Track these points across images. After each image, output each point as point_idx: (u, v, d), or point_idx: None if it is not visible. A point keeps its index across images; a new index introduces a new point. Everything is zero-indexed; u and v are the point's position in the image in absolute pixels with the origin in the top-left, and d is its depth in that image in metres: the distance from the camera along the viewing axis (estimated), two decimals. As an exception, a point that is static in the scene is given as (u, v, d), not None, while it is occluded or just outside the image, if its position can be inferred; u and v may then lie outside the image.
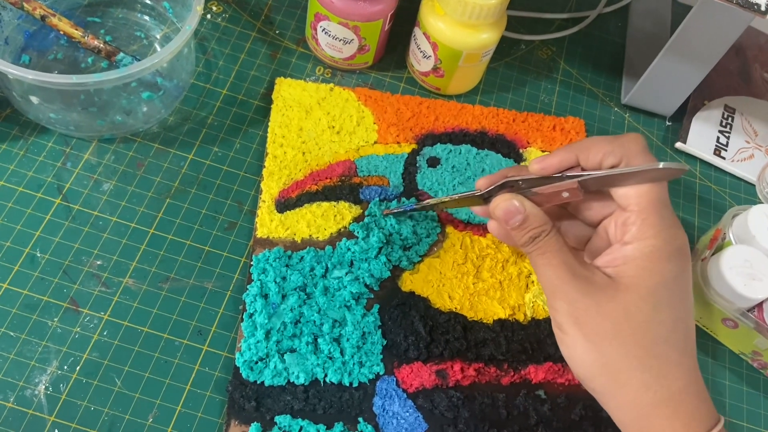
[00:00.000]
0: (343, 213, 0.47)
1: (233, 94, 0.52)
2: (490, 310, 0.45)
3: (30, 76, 0.39)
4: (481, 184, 0.40)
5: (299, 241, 0.45)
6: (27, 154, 0.46)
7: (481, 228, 0.48)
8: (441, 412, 0.41)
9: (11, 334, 0.40)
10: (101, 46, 0.46)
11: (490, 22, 0.49)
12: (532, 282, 0.47)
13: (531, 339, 0.45)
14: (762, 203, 0.54)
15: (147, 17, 0.52)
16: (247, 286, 0.43)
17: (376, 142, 0.51)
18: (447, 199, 0.43)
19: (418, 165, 0.50)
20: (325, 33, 0.51)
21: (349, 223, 0.47)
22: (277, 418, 0.39)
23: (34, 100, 0.43)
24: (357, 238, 0.46)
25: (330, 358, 0.42)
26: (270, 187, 0.47)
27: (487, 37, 0.50)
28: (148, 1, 0.52)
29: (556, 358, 0.44)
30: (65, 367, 0.40)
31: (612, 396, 0.34)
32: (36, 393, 0.39)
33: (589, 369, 0.34)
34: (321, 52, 0.54)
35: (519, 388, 0.43)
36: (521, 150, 0.53)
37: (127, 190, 0.46)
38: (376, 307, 0.44)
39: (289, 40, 0.56)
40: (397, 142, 0.51)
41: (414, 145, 0.51)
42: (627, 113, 0.59)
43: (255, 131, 0.50)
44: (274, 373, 0.40)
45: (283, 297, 0.43)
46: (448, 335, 0.44)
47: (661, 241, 0.34)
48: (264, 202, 0.47)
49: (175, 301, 0.43)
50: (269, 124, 0.50)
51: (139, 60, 0.46)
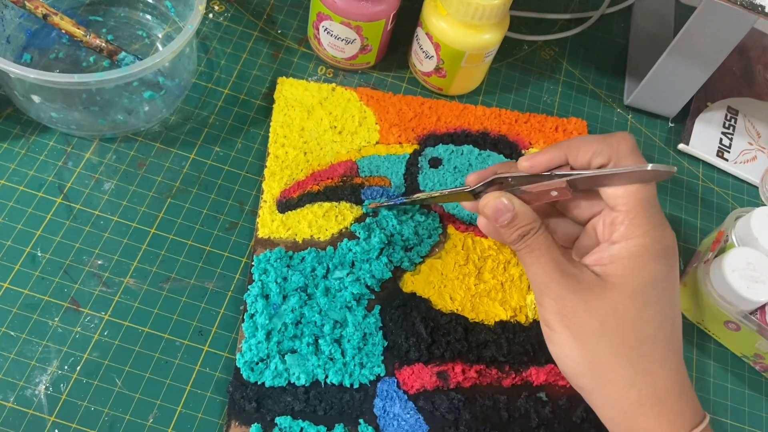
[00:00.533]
0: (345, 213, 0.47)
1: (235, 94, 0.52)
2: (491, 311, 0.45)
3: (32, 75, 0.39)
4: (470, 180, 0.40)
5: (300, 242, 0.45)
6: (28, 153, 0.46)
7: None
8: (442, 413, 0.41)
9: (12, 333, 0.40)
10: (103, 45, 0.46)
11: (492, 22, 0.49)
12: (534, 283, 0.47)
13: (532, 341, 0.44)
14: (765, 205, 0.53)
15: (149, 16, 0.52)
16: (248, 287, 0.43)
17: (377, 143, 0.51)
18: (437, 194, 0.43)
19: (419, 165, 0.50)
20: (328, 33, 0.51)
21: (351, 224, 0.47)
22: (277, 419, 0.39)
23: (36, 99, 0.43)
24: (358, 238, 0.46)
25: (331, 359, 0.41)
26: (271, 187, 0.47)
27: (489, 38, 0.50)
28: (150, 0, 0.52)
29: (557, 360, 0.44)
30: (66, 367, 0.39)
31: (598, 393, 0.34)
32: (36, 393, 0.39)
33: (576, 366, 0.34)
34: (323, 51, 0.53)
35: (520, 390, 0.43)
36: (523, 151, 0.53)
37: (128, 189, 0.46)
38: (377, 308, 0.44)
39: (291, 40, 0.55)
40: (399, 143, 0.51)
41: (416, 146, 0.51)
42: (630, 114, 0.59)
43: (257, 131, 0.50)
44: (274, 374, 0.40)
45: (284, 298, 0.43)
46: (450, 337, 0.43)
47: (649, 241, 0.34)
48: (265, 202, 0.46)
49: (176, 302, 0.43)
50: (271, 123, 0.50)
51: (141, 59, 0.46)
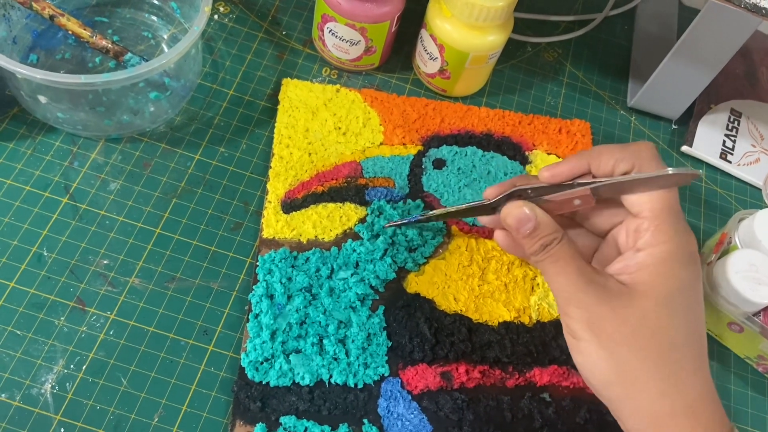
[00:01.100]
0: (349, 214, 0.47)
1: (240, 95, 0.52)
2: (495, 312, 0.45)
3: (38, 75, 0.39)
4: (489, 193, 0.39)
5: (305, 242, 0.46)
6: (34, 154, 0.46)
7: (486, 230, 0.48)
8: (446, 414, 0.41)
9: (18, 332, 0.40)
10: (109, 46, 0.47)
11: (497, 24, 0.49)
12: (538, 284, 0.47)
13: (536, 342, 0.45)
14: (768, 207, 0.54)
15: (154, 17, 0.53)
16: (253, 287, 0.43)
17: (381, 144, 0.51)
18: (453, 210, 0.43)
19: (423, 167, 0.50)
20: (332, 34, 0.51)
21: (355, 225, 0.47)
22: (282, 419, 0.39)
23: (42, 99, 0.44)
24: (362, 239, 0.46)
25: (335, 359, 0.42)
26: (276, 188, 0.47)
27: (493, 39, 0.50)
28: (156, 2, 0.53)
29: (561, 361, 0.44)
30: (71, 366, 0.40)
31: (627, 404, 0.33)
32: (42, 392, 0.39)
33: (605, 376, 0.33)
34: (327, 53, 0.54)
35: (524, 390, 0.43)
36: (527, 152, 0.53)
37: (133, 189, 0.46)
38: (381, 309, 0.44)
39: (296, 41, 0.56)
40: (403, 144, 0.51)
41: (420, 147, 0.51)
42: (633, 116, 0.59)
43: (261, 132, 0.51)
44: (279, 374, 0.40)
45: (289, 298, 0.43)
46: (453, 337, 0.44)
47: (675, 247, 0.34)
48: (270, 202, 0.47)
49: (181, 301, 0.43)
50: (275, 125, 0.50)
51: (147, 60, 0.46)
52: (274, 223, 0.46)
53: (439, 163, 0.51)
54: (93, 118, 0.46)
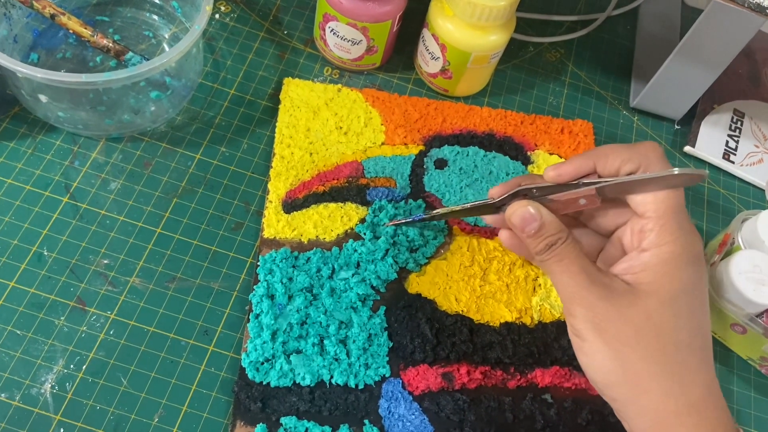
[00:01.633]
0: (350, 214, 0.47)
1: (241, 94, 0.52)
2: (496, 312, 0.45)
3: (39, 74, 0.39)
4: (494, 193, 0.39)
5: (306, 242, 0.45)
6: (35, 153, 0.46)
7: (488, 230, 0.48)
8: (447, 415, 0.41)
9: (18, 332, 0.40)
10: (110, 45, 0.46)
11: (499, 23, 0.49)
12: (539, 285, 0.47)
13: (538, 342, 0.44)
14: (771, 208, 0.53)
15: (155, 16, 0.52)
16: (254, 287, 0.43)
17: (383, 144, 0.51)
18: (458, 209, 0.42)
19: (425, 166, 0.50)
20: (334, 34, 0.51)
21: (356, 225, 0.47)
22: (282, 420, 0.39)
23: (43, 98, 0.44)
24: (363, 239, 0.46)
25: (336, 360, 0.41)
26: (277, 188, 0.47)
27: (496, 39, 0.50)
28: (157, 1, 0.52)
29: (563, 362, 0.44)
30: (71, 366, 0.40)
31: (632, 404, 0.33)
32: (42, 392, 0.39)
33: (609, 376, 0.33)
34: (329, 52, 0.53)
35: (525, 391, 0.43)
36: (529, 152, 0.53)
37: (134, 189, 0.46)
38: (382, 309, 0.44)
39: (297, 41, 0.56)
40: (405, 144, 0.51)
41: (421, 147, 0.51)
42: (635, 116, 0.59)
43: (262, 131, 0.50)
44: (280, 374, 0.40)
45: (290, 298, 0.43)
46: (455, 338, 0.43)
47: (680, 247, 0.34)
48: (271, 202, 0.46)
49: (182, 301, 0.43)
50: (277, 124, 0.50)
51: (148, 59, 0.46)
52: (275, 223, 0.46)
53: (440, 163, 0.51)
54: (94, 117, 0.45)
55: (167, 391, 0.40)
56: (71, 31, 0.46)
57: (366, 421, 0.40)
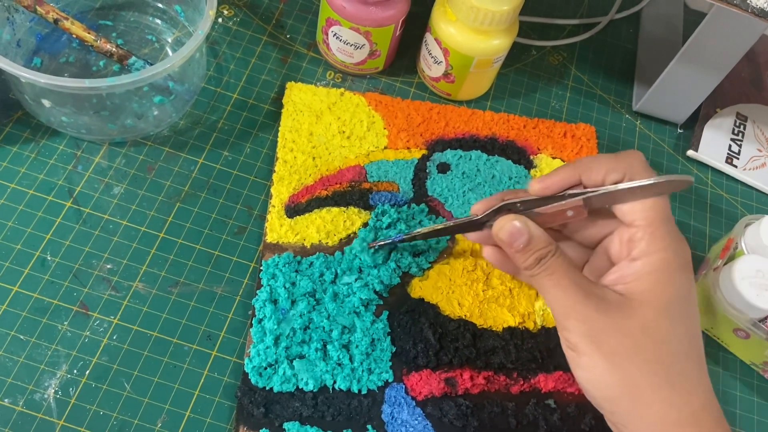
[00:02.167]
0: (353, 219, 0.47)
1: (244, 99, 0.52)
2: (499, 317, 0.45)
3: (43, 79, 0.39)
4: (477, 209, 0.39)
5: (309, 247, 0.45)
6: (38, 157, 0.46)
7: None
8: (450, 420, 0.41)
9: (21, 337, 0.40)
10: (113, 49, 0.46)
11: (502, 28, 0.49)
12: (542, 290, 0.47)
13: (541, 347, 0.44)
14: (774, 212, 0.53)
15: (159, 21, 0.53)
16: (257, 292, 0.43)
17: (386, 148, 0.51)
18: (440, 227, 0.42)
19: (428, 171, 0.50)
20: (337, 38, 0.51)
21: (359, 229, 0.47)
22: (285, 425, 0.39)
23: (46, 103, 0.44)
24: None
25: (339, 365, 0.41)
26: (280, 192, 0.47)
27: (498, 43, 0.50)
28: (160, 5, 0.52)
29: (566, 368, 0.43)
30: (75, 371, 0.40)
31: (633, 416, 0.33)
32: (45, 397, 0.39)
33: (609, 390, 0.33)
34: (332, 56, 0.53)
35: (529, 397, 0.43)
36: (532, 156, 0.53)
37: (137, 193, 0.46)
38: (385, 314, 0.44)
39: (300, 45, 0.56)
40: (407, 148, 0.51)
41: (424, 151, 0.51)
42: (638, 120, 0.59)
43: (265, 136, 0.50)
44: (283, 380, 0.40)
45: (293, 303, 0.43)
46: (458, 343, 0.43)
47: (672, 255, 0.33)
48: (274, 206, 0.46)
49: (185, 306, 0.43)
50: (279, 128, 0.50)
51: (151, 64, 0.46)
52: (278, 228, 0.46)
53: (443, 167, 0.51)
54: (97, 121, 0.46)
55: (170, 397, 0.40)
56: (75, 35, 0.46)
57: (369, 426, 0.40)
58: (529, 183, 0.37)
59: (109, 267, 0.43)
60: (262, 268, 0.44)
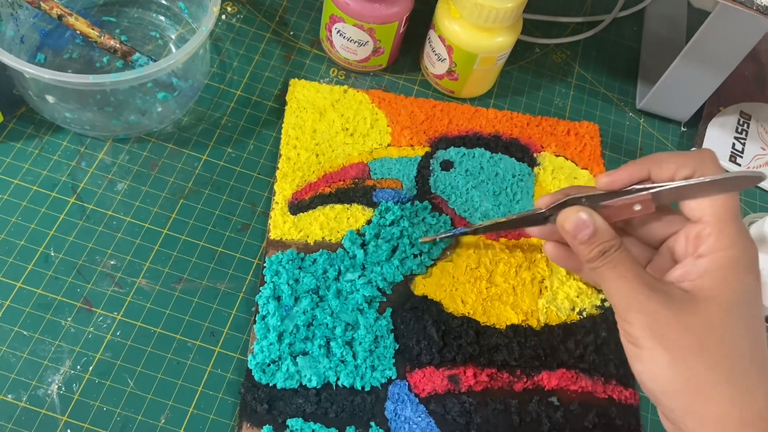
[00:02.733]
0: (356, 216, 0.47)
1: (247, 95, 0.52)
2: (503, 315, 0.45)
3: (47, 75, 0.39)
4: (542, 203, 0.38)
5: (312, 244, 0.45)
6: (42, 153, 0.46)
7: (493, 232, 0.48)
8: (453, 417, 0.41)
9: (24, 333, 0.40)
10: (117, 46, 0.46)
11: (506, 25, 0.49)
12: (546, 287, 0.47)
13: (544, 345, 0.44)
14: (778, 211, 0.53)
15: (162, 17, 0.52)
16: (260, 288, 0.43)
17: (389, 145, 0.51)
18: (503, 220, 0.41)
19: (431, 168, 0.50)
20: (340, 35, 0.51)
21: (362, 226, 0.46)
22: (289, 421, 0.39)
23: (50, 99, 0.44)
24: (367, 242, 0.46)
25: (342, 362, 0.41)
26: (283, 189, 0.47)
27: (502, 41, 0.50)
28: (164, 1, 0.52)
29: (569, 365, 0.44)
30: (78, 367, 0.40)
31: (693, 413, 0.32)
32: (49, 393, 0.39)
33: (670, 385, 0.32)
34: (335, 53, 0.53)
35: (532, 394, 0.43)
36: (535, 154, 0.53)
37: (141, 190, 0.46)
38: (388, 311, 0.44)
39: (304, 42, 0.56)
40: (411, 145, 0.51)
41: (427, 148, 0.51)
42: (642, 118, 0.59)
43: (269, 133, 0.50)
44: (286, 376, 0.40)
45: (296, 299, 0.43)
46: (461, 340, 0.43)
47: (739, 252, 0.33)
48: (277, 203, 0.46)
49: (188, 302, 0.43)
50: (283, 125, 0.50)
51: (155, 60, 0.46)
52: (281, 225, 0.46)
53: (446, 165, 0.51)
54: (101, 118, 0.45)
55: (174, 393, 0.40)
56: (79, 32, 0.46)
57: (372, 423, 0.40)
58: (596, 177, 0.37)
59: (112, 263, 0.43)
60: (265, 265, 0.44)
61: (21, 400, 0.38)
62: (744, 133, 0.59)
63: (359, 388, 0.41)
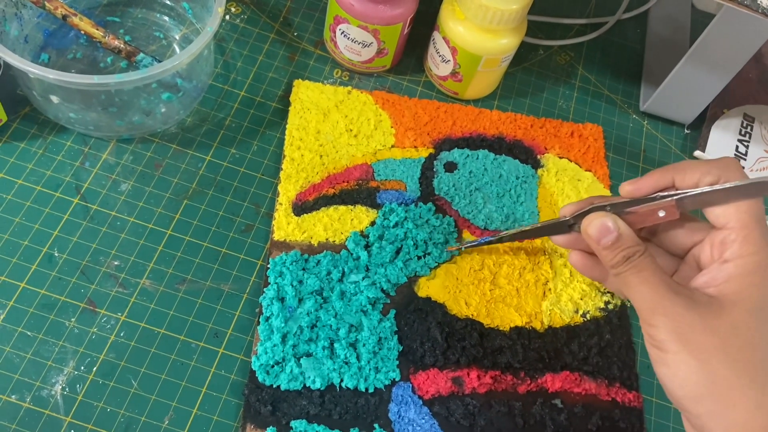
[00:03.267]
0: (360, 217, 0.47)
1: (251, 96, 0.52)
2: (506, 317, 0.45)
3: (51, 75, 0.39)
4: (566, 211, 0.39)
5: (316, 245, 0.45)
6: (45, 153, 0.46)
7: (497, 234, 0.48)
8: (457, 419, 0.41)
9: (28, 333, 0.40)
10: (122, 46, 0.46)
11: (510, 27, 0.49)
12: (549, 290, 0.47)
13: (548, 347, 0.44)
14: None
15: (166, 17, 0.52)
16: (264, 289, 0.43)
17: (393, 146, 0.51)
18: (528, 228, 0.42)
19: (435, 170, 0.50)
20: (344, 36, 0.51)
21: (366, 228, 0.46)
22: (292, 423, 0.39)
23: (54, 99, 0.43)
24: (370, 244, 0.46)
25: (346, 363, 0.41)
26: (287, 190, 0.47)
27: (507, 43, 0.50)
28: (168, 2, 0.52)
29: (572, 368, 0.44)
30: (82, 367, 0.40)
31: (719, 417, 0.32)
32: (53, 393, 0.39)
33: (695, 389, 0.32)
34: (339, 54, 0.53)
35: (535, 396, 0.43)
36: (539, 156, 0.53)
37: (144, 190, 0.46)
38: (392, 313, 0.44)
39: (307, 43, 0.55)
40: (415, 147, 0.51)
41: (431, 150, 0.51)
42: (645, 120, 0.59)
43: (272, 133, 0.50)
44: (290, 378, 0.40)
45: (300, 301, 0.43)
46: (465, 342, 0.43)
47: (765, 257, 0.32)
48: (281, 204, 0.46)
49: (192, 303, 0.43)
50: (287, 126, 0.50)
51: (159, 61, 0.46)
52: (285, 226, 0.46)
53: (450, 166, 0.51)
54: (105, 118, 0.45)
55: (177, 394, 0.40)
56: (83, 32, 0.46)
57: (376, 425, 0.40)
58: (621, 184, 0.37)
59: (116, 264, 0.43)
60: (269, 266, 0.44)
61: (25, 400, 0.38)
62: (747, 135, 0.59)
63: (363, 390, 0.41)
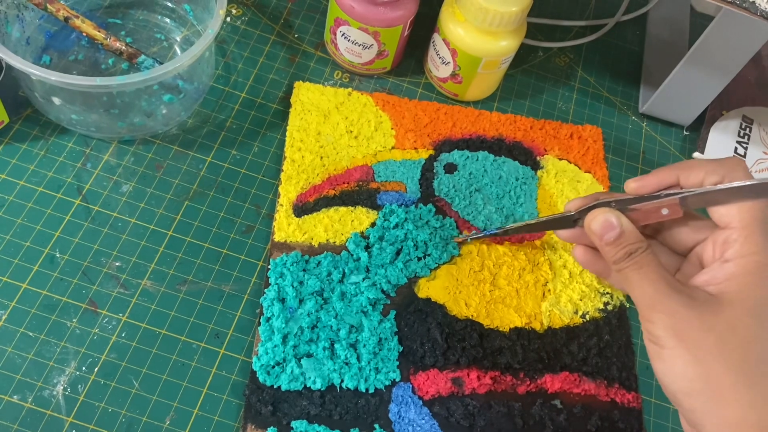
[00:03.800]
0: (361, 218, 0.47)
1: (252, 98, 0.52)
2: (506, 318, 0.45)
3: (54, 77, 0.39)
4: (572, 206, 0.39)
5: (317, 246, 0.46)
6: (47, 155, 0.46)
7: (497, 237, 0.48)
8: (457, 420, 0.41)
9: (30, 334, 0.40)
10: (123, 48, 0.47)
11: (510, 29, 0.49)
12: (549, 291, 0.47)
13: (547, 348, 0.44)
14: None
15: (168, 19, 0.53)
16: (265, 290, 0.43)
17: (393, 148, 0.51)
18: (533, 222, 0.43)
19: (435, 171, 0.50)
20: (345, 38, 0.51)
21: (366, 229, 0.47)
22: (293, 423, 0.39)
23: (56, 101, 0.44)
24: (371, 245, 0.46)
25: (346, 364, 0.42)
26: (288, 191, 0.47)
27: (506, 45, 0.50)
28: (169, 4, 0.53)
29: (572, 368, 0.44)
30: (83, 368, 0.40)
31: (712, 415, 0.32)
32: (54, 393, 0.39)
33: (689, 385, 0.32)
34: (340, 56, 0.54)
35: (535, 397, 0.43)
36: (538, 157, 0.53)
37: (146, 191, 0.46)
38: (392, 313, 0.44)
39: (308, 44, 0.56)
40: (415, 148, 0.51)
41: (431, 151, 0.51)
42: (644, 122, 0.59)
43: (273, 135, 0.51)
44: (290, 378, 0.40)
45: (300, 301, 0.43)
46: (465, 342, 0.43)
47: (766, 257, 0.33)
48: (282, 206, 0.47)
49: (193, 304, 0.43)
50: (287, 127, 0.50)
51: (160, 62, 0.46)
52: (286, 227, 0.46)
53: (450, 168, 0.51)
54: (106, 119, 0.46)
55: (179, 394, 0.40)
56: (85, 34, 0.46)
57: (376, 425, 0.40)
58: (626, 181, 0.37)
59: (117, 265, 0.43)
60: (270, 267, 0.44)
61: (26, 401, 0.38)
62: (746, 137, 0.59)
63: (363, 391, 0.41)
